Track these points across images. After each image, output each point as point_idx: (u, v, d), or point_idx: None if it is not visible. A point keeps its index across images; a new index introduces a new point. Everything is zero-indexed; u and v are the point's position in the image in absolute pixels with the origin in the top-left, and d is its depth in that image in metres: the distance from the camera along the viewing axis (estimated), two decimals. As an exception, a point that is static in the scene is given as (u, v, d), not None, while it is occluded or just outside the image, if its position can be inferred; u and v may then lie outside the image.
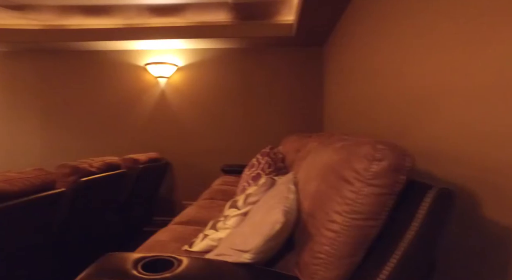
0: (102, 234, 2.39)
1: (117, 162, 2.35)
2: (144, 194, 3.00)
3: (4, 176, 1.31)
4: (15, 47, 3.47)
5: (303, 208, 0.88)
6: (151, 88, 3.50)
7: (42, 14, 2.98)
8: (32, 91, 3.57)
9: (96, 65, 3.52)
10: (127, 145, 3.51)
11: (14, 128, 3.59)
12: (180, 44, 3.32)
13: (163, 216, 3.50)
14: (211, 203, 1.90)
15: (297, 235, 0.87)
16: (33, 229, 1.50)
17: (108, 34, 3.17)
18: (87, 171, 1.93)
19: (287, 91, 3.42)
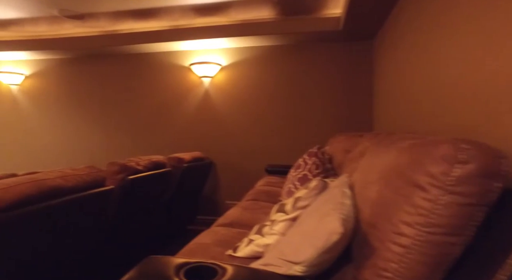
0: (148, 232, 2.45)
1: (163, 161, 2.40)
2: (188, 193, 3.04)
3: (61, 173, 1.37)
4: (74, 54, 3.75)
5: (362, 216, 0.77)
6: (195, 88, 3.55)
7: (99, 21, 3.16)
8: (88, 93, 3.83)
9: (145, 67, 3.67)
10: (172, 144, 3.60)
11: (71, 128, 3.88)
12: (224, 43, 3.32)
13: (207, 215, 3.53)
14: (254, 205, 1.83)
15: (355, 246, 0.76)
16: (84, 225, 1.56)
17: (155, 36, 3.28)
18: (135, 170, 1.98)
19: (333, 88, 3.26)
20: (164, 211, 2.64)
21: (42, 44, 3.52)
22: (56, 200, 1.28)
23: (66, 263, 1.52)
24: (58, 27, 3.36)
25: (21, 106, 4.01)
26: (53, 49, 3.54)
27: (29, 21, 3.18)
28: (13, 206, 1.13)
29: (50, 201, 1.27)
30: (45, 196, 1.26)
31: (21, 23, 3.24)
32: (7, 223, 1.10)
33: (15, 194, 1.14)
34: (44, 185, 1.26)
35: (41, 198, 1.25)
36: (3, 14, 3.02)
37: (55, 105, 3.92)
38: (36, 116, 3.97)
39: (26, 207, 1.17)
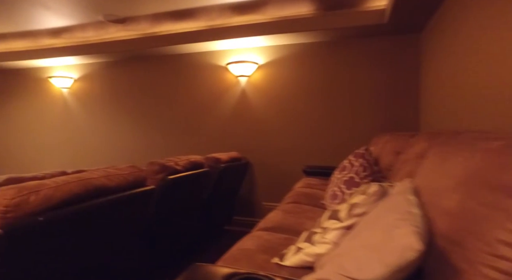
0: (185, 232, 2.45)
1: (201, 161, 2.39)
2: (225, 194, 3.02)
3: (105, 172, 1.38)
4: (117, 57, 3.90)
5: (436, 229, 0.66)
6: (232, 88, 3.53)
7: (140, 24, 3.25)
8: (128, 94, 3.96)
9: (182, 68, 3.72)
10: (209, 144, 3.61)
11: (113, 128, 4.04)
12: (261, 41, 3.27)
13: (243, 216, 3.50)
14: (296, 208, 1.75)
15: (430, 264, 0.65)
16: (126, 224, 1.57)
17: (193, 36, 3.30)
18: (174, 169, 1.98)
19: (375, 86, 3.07)
20: (201, 212, 2.63)
21: (89, 48, 3.70)
22: (100, 199, 1.30)
23: (108, 262, 1.54)
24: (103, 32, 3.51)
25: (71, 107, 4.25)
26: (99, 53, 3.71)
27: (78, 27, 3.35)
28: (62, 204, 1.15)
29: (95, 200, 1.28)
30: (90, 195, 1.28)
31: (71, 30, 3.42)
32: (56, 221, 1.12)
33: (64, 193, 1.16)
34: (90, 184, 1.28)
35: (87, 197, 1.26)
36: (56, 23, 3.20)
37: (99, 106, 4.11)
38: (83, 117, 4.19)
39: (74, 205, 1.19)
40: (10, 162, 4.58)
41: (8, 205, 1.02)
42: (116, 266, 1.63)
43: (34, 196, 1.08)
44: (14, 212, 1.03)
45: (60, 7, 2.85)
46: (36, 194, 1.09)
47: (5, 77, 4.52)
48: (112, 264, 1.59)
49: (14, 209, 1.03)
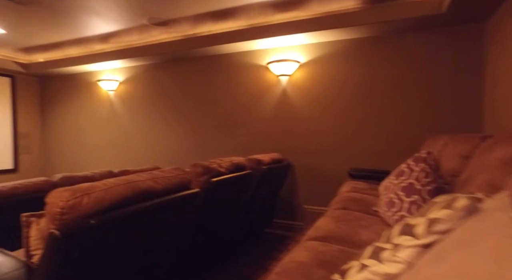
0: (227, 234, 2.42)
1: (243, 162, 2.33)
2: (266, 196, 2.95)
3: (151, 175, 1.37)
4: (159, 59, 3.99)
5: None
6: (272, 87, 3.45)
7: (181, 25, 3.29)
8: (169, 96, 4.04)
9: (222, 68, 3.71)
10: (249, 145, 3.56)
11: (155, 129, 4.14)
12: (303, 39, 3.15)
13: (284, 219, 3.40)
14: (347, 215, 1.62)
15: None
16: (171, 226, 1.55)
17: (233, 36, 3.27)
18: (217, 172, 1.94)
19: (428, 83, 2.82)
20: (242, 214, 2.58)
21: (134, 52, 3.83)
22: (147, 202, 1.28)
23: (154, 263, 1.53)
24: (147, 35, 3.61)
25: (116, 109, 4.44)
26: (142, 56, 3.82)
27: (124, 32, 3.48)
28: (112, 207, 1.14)
29: (142, 203, 1.26)
30: (137, 198, 1.26)
31: (118, 34, 3.56)
32: (106, 224, 1.11)
33: (113, 195, 1.15)
34: (137, 187, 1.26)
35: (134, 200, 1.25)
36: (105, 28, 3.35)
37: (142, 107, 4.24)
38: (126, 118, 4.36)
39: (122, 208, 1.18)
40: (63, 161, 4.90)
41: (64, 207, 1.03)
42: (161, 267, 1.62)
43: (86, 198, 1.08)
44: (69, 214, 1.03)
45: (109, 13, 2.96)
46: (88, 196, 1.09)
47: (62, 81, 4.84)
48: (158, 265, 1.58)
49: (69, 211, 1.03)
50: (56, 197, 1.06)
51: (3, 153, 4.51)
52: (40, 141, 5.02)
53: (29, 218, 1.23)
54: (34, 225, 1.23)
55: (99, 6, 2.81)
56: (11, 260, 1.32)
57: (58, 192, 1.08)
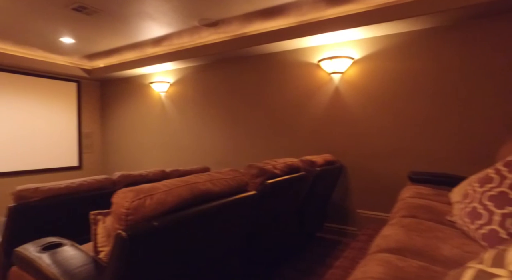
0: (280, 238, 2.34)
1: (298, 164, 2.24)
2: (318, 199, 2.82)
3: (210, 176, 1.34)
4: (208, 60, 4.05)
5: None
6: (324, 86, 3.31)
7: (231, 25, 3.29)
8: (218, 96, 4.08)
9: (272, 67, 3.65)
10: (300, 145, 3.45)
11: (204, 129, 4.21)
12: (357, 33, 2.97)
13: (336, 223, 3.24)
14: (418, 224, 1.45)
15: None
16: (227, 229, 1.51)
17: (283, 33, 3.19)
18: (272, 173, 1.88)
19: (504, 76, 2.48)
20: (295, 217, 2.49)
21: (184, 53, 3.93)
22: (206, 204, 1.25)
23: (208, 267, 1.51)
24: (197, 37, 3.67)
25: (167, 110, 4.60)
26: (192, 57, 3.90)
27: (176, 34, 3.57)
28: (173, 209, 1.13)
29: (200, 205, 1.24)
30: (196, 200, 1.24)
31: (170, 37, 3.67)
32: (168, 226, 1.09)
33: (174, 197, 1.13)
34: (196, 188, 1.24)
35: (194, 202, 1.22)
36: (158, 32, 3.47)
37: (191, 108, 4.34)
38: (177, 119, 4.49)
39: (182, 210, 1.16)
40: (119, 159, 5.21)
41: (129, 208, 1.03)
42: (217, 270, 1.59)
43: (149, 199, 1.07)
44: (133, 215, 1.03)
45: (163, 17, 3.05)
46: (150, 198, 1.08)
47: (119, 85, 5.16)
48: (214, 268, 1.55)
49: (134, 212, 1.03)
50: (121, 197, 1.06)
51: (71, 152, 4.93)
52: (100, 140, 5.40)
53: (96, 216, 1.26)
54: (100, 223, 1.26)
55: (154, 11, 2.90)
56: (82, 255, 1.37)
57: (123, 192, 1.09)
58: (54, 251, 1.40)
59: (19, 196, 2.03)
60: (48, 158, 4.64)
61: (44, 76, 4.61)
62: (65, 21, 3.11)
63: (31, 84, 4.46)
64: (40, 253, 1.39)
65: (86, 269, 1.26)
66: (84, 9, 2.80)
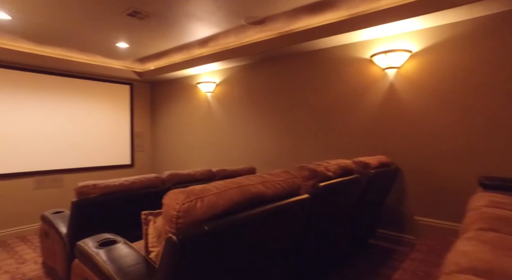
0: (331, 243, 2.20)
1: (351, 166, 2.09)
2: (372, 203, 2.63)
3: (261, 178, 1.27)
4: (253, 59, 4.01)
5: None
6: (377, 82, 3.08)
7: (277, 22, 3.21)
8: (264, 95, 4.02)
9: (320, 64, 3.50)
10: (351, 145, 3.26)
11: (250, 128, 4.17)
12: (415, 24, 2.71)
13: (390, 230, 3.00)
14: (503, 241, 1.23)
15: None
16: (279, 233, 1.43)
17: (333, 28, 3.03)
18: (325, 176, 1.76)
19: None
20: (346, 221, 2.33)
21: (230, 53, 3.93)
22: (259, 208, 1.18)
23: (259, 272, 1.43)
24: (243, 36, 3.64)
25: (213, 110, 4.66)
26: (238, 57, 3.89)
27: (222, 34, 3.58)
28: (224, 212, 1.07)
29: (252, 208, 1.17)
30: (248, 203, 1.17)
31: (216, 38, 3.69)
32: (219, 230, 1.04)
33: (226, 200, 1.08)
34: (248, 191, 1.17)
35: (246, 205, 1.16)
36: (205, 33, 3.50)
37: (237, 107, 4.34)
38: (223, 118, 4.52)
39: (234, 213, 1.10)
40: (167, 158, 5.40)
41: (180, 210, 0.99)
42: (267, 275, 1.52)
43: (200, 202, 1.03)
44: (184, 218, 0.99)
45: (210, 17, 3.06)
46: (201, 200, 1.04)
47: (168, 86, 5.35)
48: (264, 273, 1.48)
49: (184, 214, 0.99)
50: (172, 199, 1.03)
51: (124, 151, 5.22)
52: (150, 140, 5.66)
53: (147, 216, 1.26)
54: (151, 223, 1.26)
55: (201, 11, 2.92)
56: (134, 253, 1.38)
57: (174, 193, 1.06)
58: (109, 248, 1.43)
59: (80, 192, 2.14)
60: (105, 156, 4.96)
61: (102, 80, 4.93)
62: (121, 27, 3.27)
63: (90, 87, 4.80)
64: (97, 249, 1.43)
65: (138, 268, 1.26)
66: (138, 13, 2.91)
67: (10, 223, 3.96)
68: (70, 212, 2.11)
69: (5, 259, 3.22)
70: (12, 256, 3.34)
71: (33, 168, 4.18)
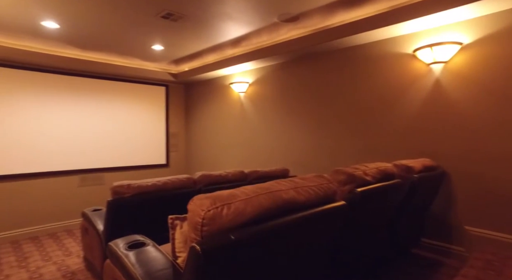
0: (369, 252, 2.05)
1: (391, 170, 1.92)
2: (415, 210, 2.41)
3: (293, 183, 1.18)
4: (285, 58, 3.90)
5: None
6: (420, 79, 2.84)
7: (311, 19, 3.08)
8: (296, 95, 3.90)
9: (356, 61, 3.31)
10: (390, 147, 3.04)
11: (282, 129, 4.07)
12: (467, 12, 2.44)
13: (436, 240, 2.75)
14: None
15: None
16: (312, 242, 1.33)
17: (371, 22, 2.84)
18: (363, 180, 1.62)
19: None
20: (386, 229, 2.16)
21: (263, 52, 3.86)
22: (290, 216, 1.09)
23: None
24: (275, 34, 3.56)
25: (246, 110, 4.62)
26: (271, 56, 3.80)
27: (255, 33, 3.52)
28: (252, 220, 1.00)
29: (284, 216, 1.08)
30: (279, 210, 1.09)
31: (249, 37, 3.65)
32: (246, 240, 0.97)
33: (254, 207, 1.01)
34: (279, 197, 1.09)
35: (276, 213, 1.08)
36: (237, 32, 3.47)
37: (270, 107, 4.26)
38: (256, 119, 4.47)
39: (263, 222, 1.03)
40: (200, 158, 5.47)
41: (205, 217, 0.93)
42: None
43: (226, 209, 0.96)
44: (209, 226, 0.93)
45: (242, 16, 3.01)
46: (228, 207, 0.97)
47: (201, 87, 5.42)
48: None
49: (209, 222, 0.93)
50: (197, 205, 0.98)
51: (160, 151, 5.38)
52: (184, 140, 5.77)
53: (174, 221, 1.23)
54: (178, 228, 1.22)
55: (233, 10, 2.88)
56: (162, 257, 1.36)
57: (200, 199, 1.01)
58: (139, 250, 1.42)
59: (115, 191, 2.19)
60: (142, 156, 5.14)
61: (139, 82, 5.11)
62: (155, 30, 3.34)
63: (129, 89, 4.99)
64: (127, 251, 1.42)
65: (165, 274, 1.23)
66: (171, 15, 2.94)
67: (59, 217, 4.25)
68: (105, 211, 2.16)
69: (54, 250, 3.47)
70: (60, 247, 3.58)
71: (78, 167, 4.43)
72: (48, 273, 2.86)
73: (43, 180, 4.14)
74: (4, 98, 3.86)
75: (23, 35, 3.50)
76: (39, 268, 2.98)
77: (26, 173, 4.01)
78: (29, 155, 4.03)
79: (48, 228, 4.16)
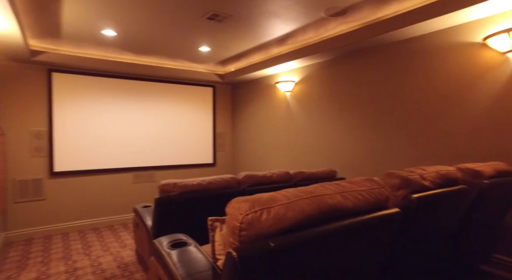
0: (427, 266, 1.83)
1: (455, 174, 1.70)
2: (484, 222, 2.12)
3: (340, 187, 1.08)
4: (333, 54, 3.72)
5: None
6: (492, 70, 2.49)
7: (361, 11, 2.89)
8: (345, 93, 3.69)
9: (413, 54, 3.02)
10: (454, 149, 2.72)
11: (331, 129, 3.89)
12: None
13: (509, 256, 2.39)
14: None
15: None
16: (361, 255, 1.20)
17: (431, 10, 2.56)
18: (420, 185, 1.44)
19: None
20: (449, 241, 1.92)
21: (309, 50, 3.74)
22: (336, 223, 0.99)
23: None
24: (323, 30, 3.41)
25: (292, 110, 4.52)
26: (318, 53, 3.66)
27: (300, 30, 3.42)
28: (293, 226, 0.92)
29: (329, 223, 0.99)
30: (323, 217, 0.99)
31: (294, 34, 3.55)
32: (286, 248, 0.90)
33: (296, 212, 0.93)
34: (324, 202, 0.99)
35: (320, 219, 0.99)
36: (283, 30, 3.40)
37: (316, 106, 4.10)
38: (302, 118, 4.35)
39: (306, 229, 0.94)
40: (246, 158, 5.49)
41: (243, 222, 0.88)
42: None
43: (265, 214, 0.90)
44: (247, 231, 0.88)
45: (288, 13, 2.93)
46: (267, 211, 0.91)
47: (248, 87, 5.45)
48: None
49: (247, 227, 0.88)
50: (235, 208, 0.93)
51: (207, 150, 5.52)
52: (231, 140, 5.85)
53: (214, 222, 1.20)
54: (218, 230, 1.19)
55: (279, 7, 2.81)
56: (203, 259, 1.34)
57: (238, 202, 0.96)
58: (181, 249, 1.42)
59: (162, 189, 2.26)
60: (190, 155, 5.32)
61: (188, 83, 5.29)
62: (202, 31, 3.41)
63: (178, 91, 5.20)
64: (170, 250, 1.44)
65: (205, 276, 1.21)
66: (217, 16, 2.97)
67: (116, 210, 4.60)
68: (153, 208, 2.24)
69: (112, 242, 3.77)
70: (116, 239, 3.86)
71: (132, 164, 4.73)
72: (106, 262, 3.08)
73: (103, 176, 4.49)
74: (70, 103, 4.26)
75: (86, 45, 3.83)
76: (98, 257, 3.24)
77: (90, 170, 4.40)
78: (91, 154, 4.40)
79: (107, 221, 4.51)
